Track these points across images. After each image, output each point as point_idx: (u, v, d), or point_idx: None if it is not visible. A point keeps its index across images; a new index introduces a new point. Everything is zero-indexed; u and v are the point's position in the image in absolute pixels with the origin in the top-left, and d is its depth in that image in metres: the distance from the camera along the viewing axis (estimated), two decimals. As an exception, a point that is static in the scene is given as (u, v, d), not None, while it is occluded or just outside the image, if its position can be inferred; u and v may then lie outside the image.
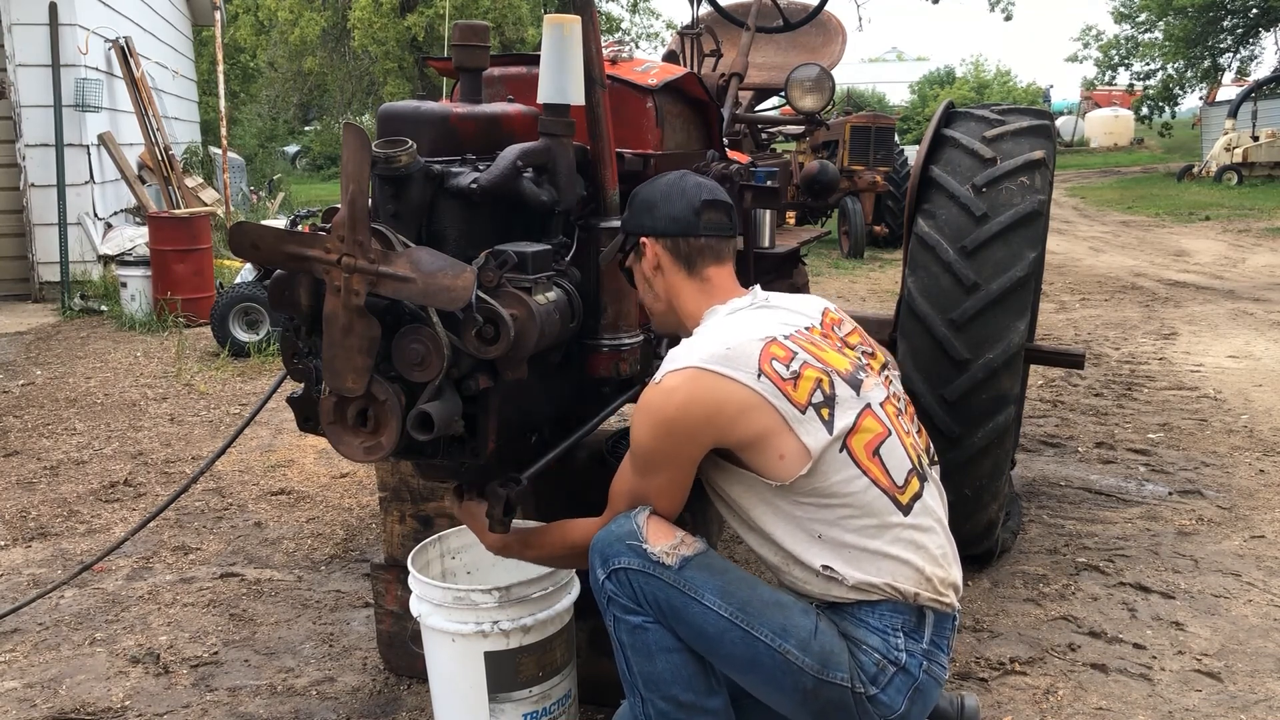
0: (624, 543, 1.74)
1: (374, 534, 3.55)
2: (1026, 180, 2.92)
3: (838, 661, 1.70)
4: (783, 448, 1.70)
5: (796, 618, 1.72)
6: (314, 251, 1.65)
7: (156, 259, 7.44)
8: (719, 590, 1.71)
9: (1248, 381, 5.51)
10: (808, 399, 1.70)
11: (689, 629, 1.72)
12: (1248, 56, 28.16)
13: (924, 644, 1.74)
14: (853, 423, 1.73)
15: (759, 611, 1.71)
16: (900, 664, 1.72)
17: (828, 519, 1.72)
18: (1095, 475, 4.06)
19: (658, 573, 1.71)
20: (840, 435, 1.71)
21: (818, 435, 1.69)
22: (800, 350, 1.75)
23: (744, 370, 1.70)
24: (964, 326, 2.81)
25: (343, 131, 1.62)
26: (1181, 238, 12.64)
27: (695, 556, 1.73)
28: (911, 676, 1.72)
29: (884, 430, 1.76)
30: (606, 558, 1.75)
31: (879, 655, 1.71)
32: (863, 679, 1.70)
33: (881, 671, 1.71)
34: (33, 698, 2.53)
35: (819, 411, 1.71)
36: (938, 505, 1.84)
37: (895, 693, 1.71)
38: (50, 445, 4.64)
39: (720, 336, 1.76)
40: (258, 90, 24.91)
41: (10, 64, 8.34)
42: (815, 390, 1.72)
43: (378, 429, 1.68)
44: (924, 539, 1.75)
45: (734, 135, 4.00)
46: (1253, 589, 3.03)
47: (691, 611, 1.71)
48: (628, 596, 1.74)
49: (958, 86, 40.92)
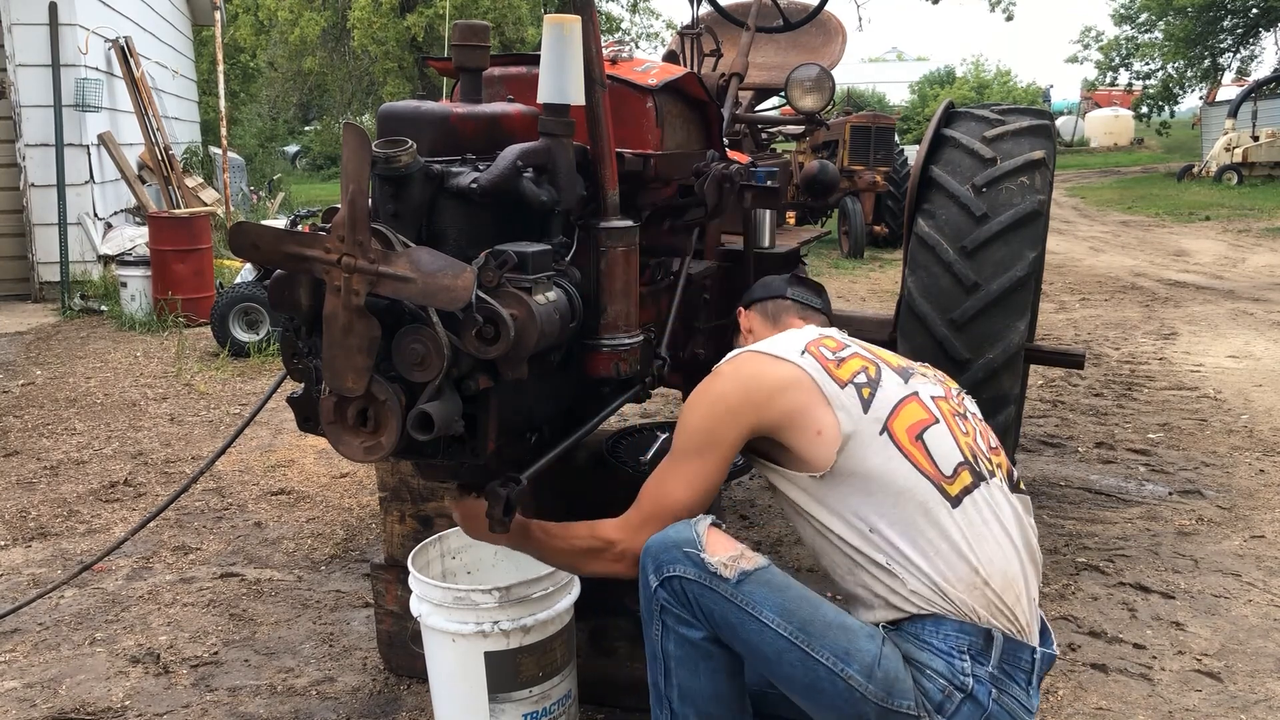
0: (681, 549, 1.68)
1: (374, 534, 3.55)
2: (1026, 180, 2.92)
3: (903, 689, 1.62)
4: (819, 422, 1.68)
5: (861, 642, 1.64)
6: (314, 251, 1.65)
7: (156, 259, 7.44)
8: (779, 608, 1.64)
9: (1248, 381, 5.50)
10: (849, 378, 1.71)
11: (745, 646, 1.66)
12: (1248, 56, 28.17)
13: (990, 668, 1.63)
14: (893, 406, 1.70)
15: (821, 633, 1.63)
16: (967, 690, 1.61)
17: (873, 509, 1.67)
18: (1095, 475, 4.06)
19: (715, 585, 1.64)
20: (878, 416, 1.68)
21: (853, 411, 1.68)
22: (853, 343, 1.80)
23: (789, 351, 1.75)
24: (964, 326, 2.81)
25: (343, 131, 1.62)
26: (1181, 238, 12.64)
27: (755, 571, 1.66)
28: (980, 706, 1.62)
29: (930, 417, 1.72)
30: (661, 564, 1.69)
31: (944, 681, 1.62)
32: (928, 708, 1.61)
33: (948, 699, 1.61)
34: (33, 698, 2.53)
35: (859, 391, 1.70)
36: (1005, 518, 1.72)
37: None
38: (50, 445, 4.64)
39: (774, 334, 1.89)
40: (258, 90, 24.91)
41: (10, 64, 8.34)
42: (860, 373, 1.73)
43: (378, 429, 1.68)
44: (979, 545, 1.66)
45: (734, 135, 3.99)
46: (1253, 589, 3.03)
47: (749, 629, 1.64)
48: (682, 607, 1.67)
49: (958, 86, 40.91)
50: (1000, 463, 1.81)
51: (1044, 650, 1.70)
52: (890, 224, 11.96)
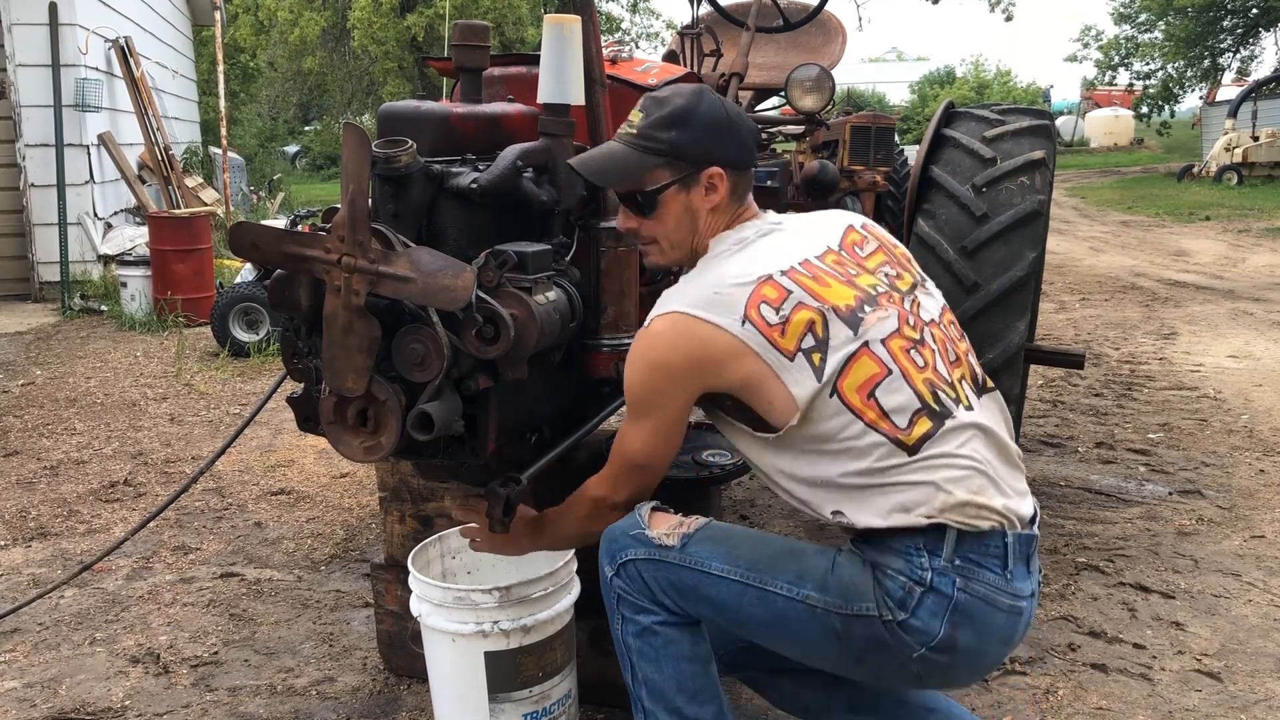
0: (628, 535, 1.73)
1: (374, 534, 3.55)
2: (1026, 180, 2.93)
3: (861, 592, 1.62)
4: (771, 395, 1.63)
5: (810, 560, 1.67)
6: (314, 251, 1.65)
7: (156, 259, 7.45)
8: (725, 556, 1.68)
9: (1248, 381, 5.50)
10: (796, 345, 1.62)
11: (709, 606, 1.69)
12: (1248, 56, 28.16)
13: (945, 560, 1.60)
14: (842, 366, 1.63)
15: (770, 565, 1.67)
16: (927, 584, 1.59)
17: (829, 467, 1.64)
18: (1095, 475, 4.06)
19: (663, 556, 1.69)
20: (830, 380, 1.62)
21: (806, 384, 1.62)
22: (797, 289, 1.65)
23: (728, 315, 1.62)
24: (964, 327, 2.81)
25: (343, 131, 1.62)
26: (1181, 238, 12.64)
27: (696, 531, 1.72)
28: (944, 596, 1.59)
29: (881, 370, 1.64)
30: (613, 554, 1.74)
31: (904, 578, 1.60)
32: (890, 605, 1.60)
33: (908, 594, 1.59)
34: (33, 698, 2.53)
35: (809, 357, 1.62)
36: (971, 443, 1.66)
37: (929, 616, 1.59)
38: (50, 445, 4.64)
39: (711, 278, 1.69)
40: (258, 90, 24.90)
41: (10, 64, 8.34)
42: (805, 334, 1.62)
43: (378, 429, 1.68)
44: (938, 474, 1.62)
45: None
46: (1253, 589, 3.03)
47: (705, 586, 1.67)
48: (637, 591, 1.71)
49: (958, 86, 40.91)
50: (963, 374, 1.74)
51: (1016, 533, 1.65)
52: (890, 224, 11.94)
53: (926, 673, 1.63)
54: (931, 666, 1.62)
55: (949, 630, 1.59)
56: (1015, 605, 1.63)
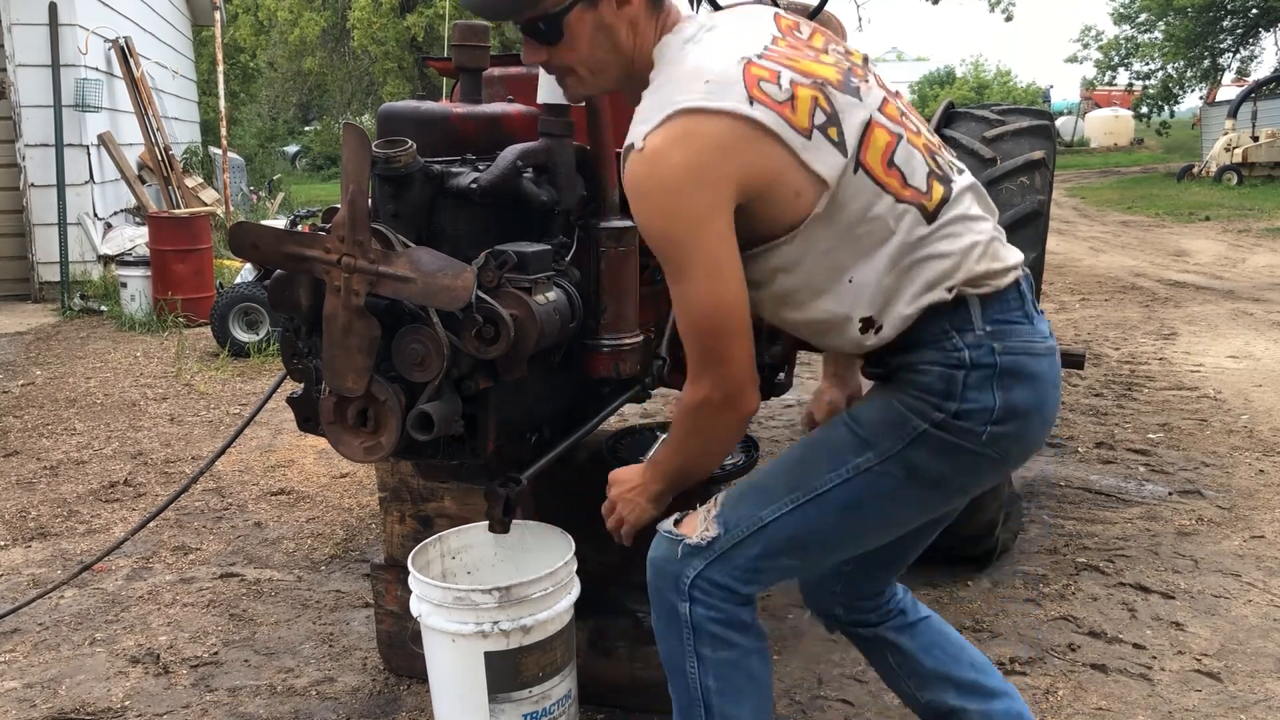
0: (670, 564, 1.61)
1: (374, 534, 3.55)
2: (1026, 180, 2.93)
3: (898, 420, 1.53)
4: (797, 183, 1.47)
5: (832, 439, 1.59)
6: (314, 251, 1.65)
7: (156, 259, 7.45)
8: (762, 500, 1.59)
9: (1248, 381, 5.51)
10: (810, 121, 1.46)
11: (787, 554, 1.59)
12: (1248, 56, 28.17)
13: (979, 330, 1.52)
14: (860, 137, 1.50)
15: (804, 472, 1.58)
16: (966, 363, 1.51)
17: (854, 253, 1.51)
18: (1095, 475, 4.06)
19: (720, 548, 1.58)
20: (854, 154, 1.49)
21: (832, 161, 1.48)
22: (782, 68, 1.49)
23: (733, 99, 1.44)
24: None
25: (343, 131, 1.62)
26: (1181, 238, 12.64)
27: (724, 506, 1.62)
28: (987, 367, 1.51)
29: (892, 138, 1.53)
30: (675, 585, 1.61)
31: (940, 367, 1.51)
32: (936, 403, 1.51)
33: (951, 383, 1.50)
34: (33, 698, 2.53)
35: (825, 133, 1.48)
36: (973, 205, 1.60)
37: (978, 392, 1.50)
38: (50, 445, 4.64)
39: (687, 72, 1.49)
40: (258, 90, 24.92)
41: (10, 64, 8.34)
42: (814, 110, 1.47)
43: (378, 429, 1.68)
44: (960, 241, 1.53)
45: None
46: (1253, 589, 3.03)
47: (770, 541, 1.57)
48: (723, 601, 1.59)
49: (958, 86, 40.93)
50: (938, 142, 1.66)
51: (1018, 275, 1.59)
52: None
53: (1005, 451, 1.55)
54: (1006, 441, 1.53)
55: (1003, 397, 1.51)
56: (1049, 345, 1.59)
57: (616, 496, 1.77)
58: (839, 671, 2.59)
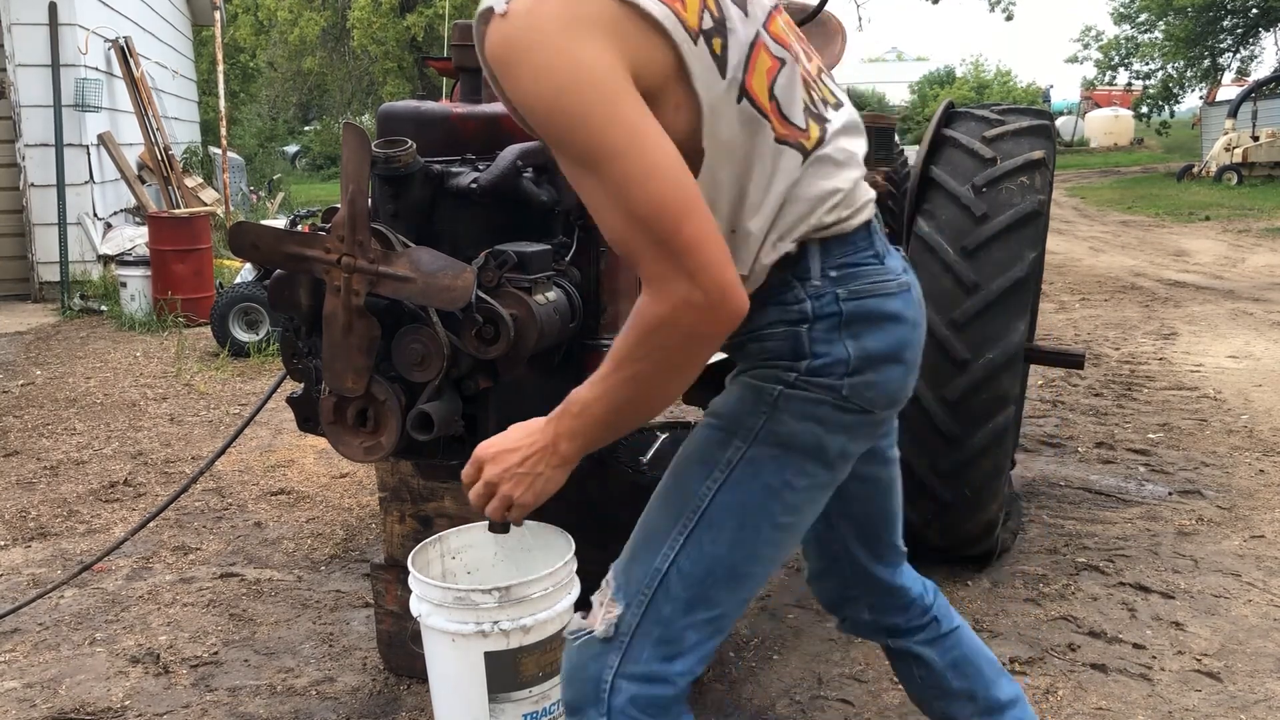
0: (584, 670, 1.38)
1: (374, 534, 3.55)
2: (1026, 180, 2.93)
3: (753, 393, 1.36)
4: (677, 96, 1.23)
5: (697, 441, 1.41)
6: (314, 251, 1.65)
7: (156, 259, 7.45)
8: (650, 548, 1.38)
9: (1248, 381, 5.51)
10: (698, 22, 1.22)
11: (705, 596, 1.36)
12: (1248, 56, 28.19)
13: (817, 279, 1.35)
14: (747, 58, 1.27)
15: (683, 496, 1.38)
16: (809, 315, 1.35)
17: (741, 200, 1.32)
18: (1095, 475, 4.06)
19: (630, 629, 1.36)
20: (735, 77, 1.26)
21: (711, 82, 1.24)
22: None
23: None
24: (964, 327, 2.81)
25: (343, 131, 1.62)
26: (1181, 238, 12.64)
27: (615, 577, 1.41)
28: (831, 316, 1.35)
29: (775, 62, 1.32)
30: (594, 695, 1.36)
31: (784, 326, 1.35)
32: (785, 366, 1.35)
33: (795, 340, 1.35)
34: (33, 698, 2.53)
35: (710, 43, 1.23)
36: (845, 146, 1.41)
37: (826, 344, 1.34)
38: (50, 445, 4.64)
39: None
40: (258, 90, 24.92)
41: (10, 64, 8.34)
42: (703, 11, 1.23)
43: (378, 429, 1.69)
44: (814, 188, 1.35)
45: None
46: (1253, 589, 3.03)
47: (676, 587, 1.35)
48: (648, 703, 1.35)
49: (958, 86, 40.93)
50: (817, 68, 1.45)
51: (869, 216, 1.43)
52: (890, 224, 11.92)
53: (871, 402, 1.37)
54: (870, 391, 1.36)
55: (855, 345, 1.35)
56: (902, 282, 1.43)
57: (497, 476, 1.37)
58: (839, 671, 2.59)
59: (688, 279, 1.16)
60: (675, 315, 1.18)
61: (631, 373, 1.25)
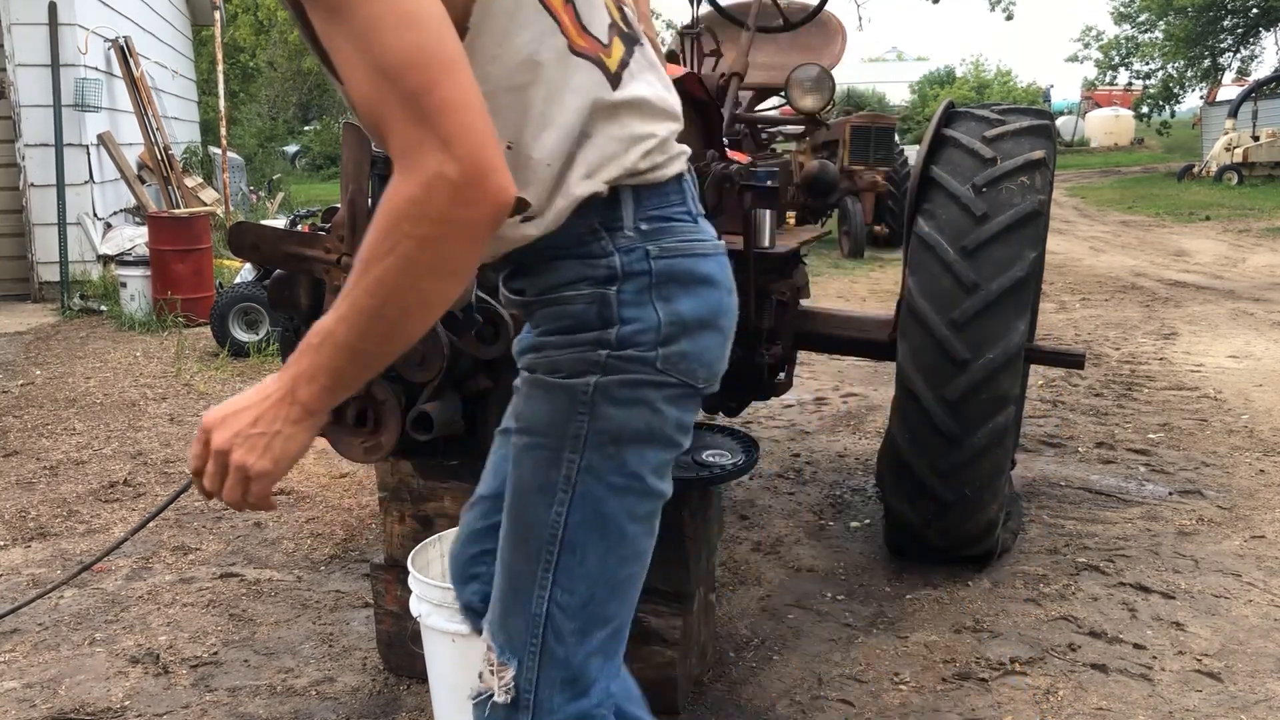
0: None
1: (374, 534, 3.55)
2: (1027, 180, 2.93)
3: (564, 391, 1.23)
4: None
5: (522, 466, 1.28)
6: (314, 251, 1.65)
7: (156, 259, 7.44)
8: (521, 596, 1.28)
9: (1248, 381, 5.51)
10: None
11: (595, 619, 1.28)
12: (1248, 56, 28.22)
13: (630, 229, 1.23)
14: None
15: (533, 532, 1.26)
16: (618, 272, 1.21)
17: (519, 108, 1.16)
18: (1095, 475, 4.06)
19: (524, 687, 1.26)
20: None
21: None
22: None
23: None
24: (964, 326, 2.81)
25: (342, 131, 1.62)
26: (1181, 238, 12.64)
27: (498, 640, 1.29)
28: (640, 275, 1.22)
29: None
30: None
31: (589, 286, 1.21)
32: (593, 340, 1.21)
33: (604, 305, 1.21)
34: (32, 698, 2.53)
35: None
36: (654, 85, 1.29)
37: (638, 309, 1.22)
38: (50, 445, 4.64)
39: None
40: (258, 90, 24.92)
41: (10, 64, 8.34)
42: None
43: (378, 429, 1.69)
44: (626, 128, 1.22)
45: (734, 135, 3.99)
46: (1253, 589, 3.03)
47: (565, 626, 1.26)
48: None
49: (958, 86, 40.95)
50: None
51: (683, 169, 1.31)
52: (890, 224, 11.96)
53: (688, 373, 1.25)
54: (686, 361, 1.25)
55: (666, 309, 1.23)
56: (716, 244, 1.32)
57: (226, 442, 1.10)
58: (839, 671, 2.59)
59: (440, 148, 0.96)
60: (426, 194, 0.97)
61: (378, 274, 1.01)
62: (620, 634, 1.32)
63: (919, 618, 2.87)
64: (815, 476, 4.10)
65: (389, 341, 1.07)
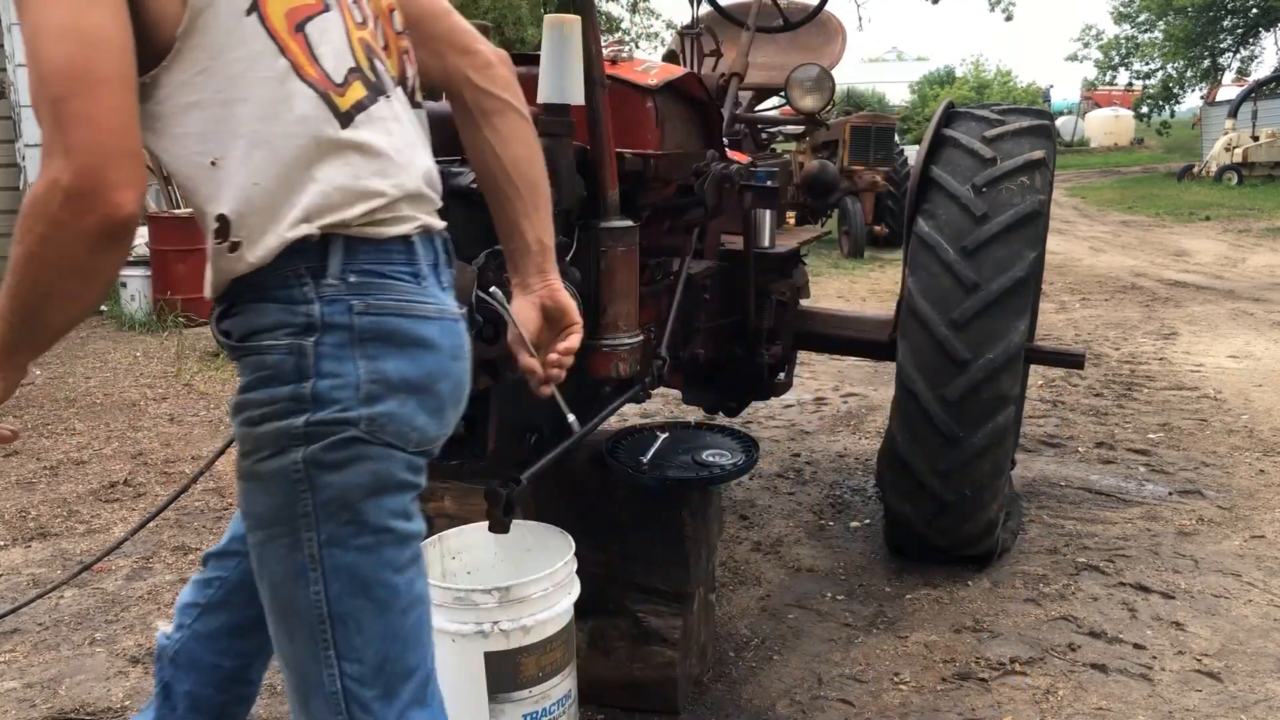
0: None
1: (374, 534, 3.54)
2: (1026, 180, 2.93)
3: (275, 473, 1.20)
4: None
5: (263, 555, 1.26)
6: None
7: (156, 259, 7.45)
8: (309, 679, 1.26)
9: (1248, 381, 5.51)
10: None
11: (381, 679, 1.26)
12: (1248, 56, 28.23)
13: (334, 277, 1.19)
14: None
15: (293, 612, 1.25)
16: (317, 322, 1.18)
17: (228, 124, 1.15)
18: (1095, 475, 4.06)
19: None
20: None
21: None
22: None
23: None
24: (964, 326, 2.81)
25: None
26: (1181, 238, 12.64)
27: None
28: (341, 328, 1.18)
29: (317, 4, 1.21)
30: None
31: (286, 333, 1.18)
32: (288, 398, 1.18)
33: (299, 355, 1.17)
34: (33, 698, 2.53)
35: None
36: (407, 133, 1.30)
37: (337, 364, 1.18)
38: (50, 445, 4.64)
39: None
40: (258, 90, 24.90)
41: (10, 64, 8.34)
42: None
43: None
44: (356, 178, 1.21)
45: (734, 135, 3.99)
46: (1253, 589, 3.03)
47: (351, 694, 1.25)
48: None
49: (958, 86, 40.96)
50: (397, 59, 1.36)
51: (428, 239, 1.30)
52: (890, 224, 11.96)
53: (400, 437, 1.23)
54: (394, 423, 1.22)
55: (369, 366, 1.19)
56: (442, 309, 1.29)
57: None
58: (839, 671, 2.59)
59: (63, 155, 1.02)
60: (46, 195, 1.03)
61: (15, 257, 1.08)
62: (430, 677, 1.31)
63: (919, 618, 2.87)
64: (815, 476, 4.10)
65: (39, 317, 1.13)
